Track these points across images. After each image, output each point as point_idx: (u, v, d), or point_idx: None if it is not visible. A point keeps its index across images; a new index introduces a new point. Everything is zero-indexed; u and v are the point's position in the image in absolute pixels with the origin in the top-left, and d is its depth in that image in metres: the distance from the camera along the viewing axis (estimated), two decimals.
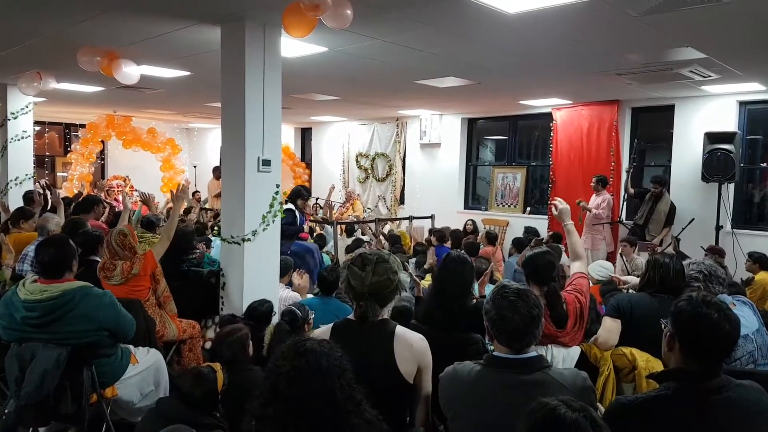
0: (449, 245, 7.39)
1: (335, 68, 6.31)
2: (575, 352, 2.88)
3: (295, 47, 5.18)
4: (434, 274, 3.19)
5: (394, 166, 11.72)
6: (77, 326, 2.96)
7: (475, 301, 3.18)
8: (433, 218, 9.52)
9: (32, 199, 6.80)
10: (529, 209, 10.05)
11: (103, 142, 12.69)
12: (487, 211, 10.52)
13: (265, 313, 3.87)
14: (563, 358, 2.85)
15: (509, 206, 10.28)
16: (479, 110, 10.26)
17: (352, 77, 6.91)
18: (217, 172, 11.45)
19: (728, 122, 7.51)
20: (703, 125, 7.59)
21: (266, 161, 4.38)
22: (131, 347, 3.41)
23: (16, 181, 8.07)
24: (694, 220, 6.97)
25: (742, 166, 7.39)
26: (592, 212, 7.95)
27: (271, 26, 4.34)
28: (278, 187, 4.50)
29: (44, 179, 10.64)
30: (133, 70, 5.56)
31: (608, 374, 2.78)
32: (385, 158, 11.87)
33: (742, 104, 7.58)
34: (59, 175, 13.55)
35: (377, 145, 12.00)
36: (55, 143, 13.84)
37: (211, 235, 7.06)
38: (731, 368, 2.56)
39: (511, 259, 6.62)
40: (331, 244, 8.02)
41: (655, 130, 8.83)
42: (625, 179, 7.90)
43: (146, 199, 5.63)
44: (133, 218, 5.60)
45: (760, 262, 5.95)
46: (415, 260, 6.43)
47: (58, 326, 2.94)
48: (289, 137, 13.72)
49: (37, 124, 10.97)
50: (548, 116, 9.31)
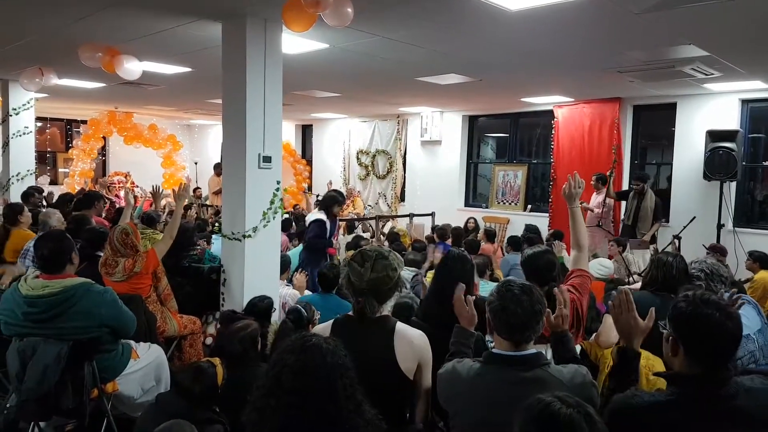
0: (450, 242, 7.39)
1: (336, 65, 6.30)
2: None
3: (296, 44, 5.18)
4: (435, 271, 3.19)
5: (394, 163, 11.72)
6: (78, 322, 2.96)
7: (474, 298, 3.18)
8: (433, 216, 9.52)
9: (32, 195, 6.81)
10: (529, 207, 10.05)
11: (104, 138, 12.70)
12: (487, 208, 10.52)
13: (265, 308, 3.87)
14: None
15: (510, 204, 10.27)
16: (480, 107, 10.25)
17: (353, 74, 6.91)
18: (218, 168, 11.46)
19: (730, 120, 7.50)
20: (705, 123, 7.58)
21: (267, 158, 4.38)
22: (132, 343, 3.42)
23: (17, 177, 8.09)
24: (695, 218, 6.97)
25: (743, 164, 7.37)
26: (594, 212, 7.93)
27: (272, 22, 4.34)
28: (279, 183, 4.50)
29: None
30: (134, 65, 5.56)
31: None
32: (385, 155, 11.87)
33: (744, 102, 7.56)
34: (60, 171, 13.56)
35: (378, 142, 11.99)
36: (56, 139, 13.85)
37: (211, 232, 7.06)
38: (735, 367, 2.55)
39: (507, 256, 6.60)
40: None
41: (656, 128, 8.82)
42: (608, 185, 7.83)
43: (156, 192, 5.41)
44: (134, 214, 5.58)
45: (760, 261, 5.94)
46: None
47: (59, 322, 2.94)
48: (289, 134, 13.72)
49: (38, 120, 10.99)
50: (550, 114, 9.29)
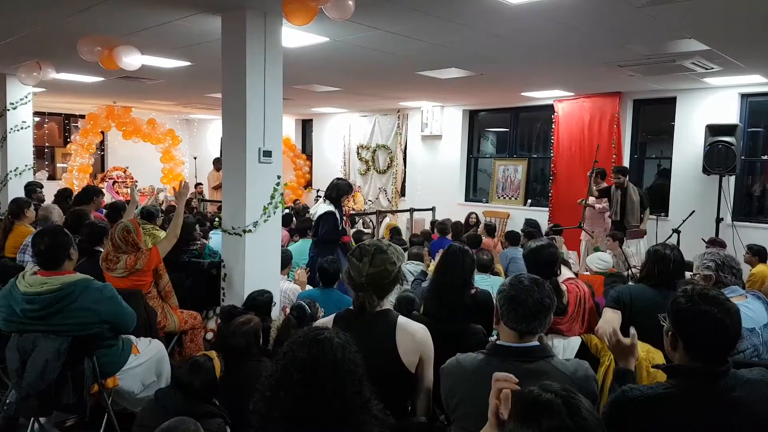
0: (450, 237, 7.39)
1: (336, 59, 6.28)
2: (575, 342, 2.89)
3: (296, 37, 5.16)
4: (436, 265, 3.19)
5: (395, 158, 11.70)
6: (77, 319, 2.95)
7: (474, 292, 3.19)
8: (434, 210, 9.51)
9: (33, 190, 6.80)
10: (529, 201, 10.05)
11: (102, 132, 12.66)
12: (488, 203, 10.52)
13: (265, 303, 3.87)
14: (563, 348, 2.86)
15: (510, 198, 10.27)
16: (481, 102, 10.24)
17: (353, 68, 6.89)
18: (217, 163, 11.45)
19: (730, 114, 7.50)
20: (704, 117, 7.58)
21: (267, 152, 4.36)
22: (133, 338, 3.41)
23: (15, 171, 8.05)
24: (694, 212, 6.97)
25: (743, 158, 7.38)
26: (595, 208, 7.91)
27: (272, 15, 4.32)
28: (279, 178, 4.49)
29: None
30: (133, 58, 5.52)
31: (609, 365, 2.77)
32: (386, 150, 11.85)
33: (743, 96, 7.56)
34: (59, 166, 13.53)
35: (378, 136, 11.97)
36: (54, 134, 13.80)
37: (210, 227, 7.05)
38: (735, 360, 2.55)
39: (506, 250, 6.61)
40: None
41: (656, 122, 8.82)
42: (590, 184, 7.75)
43: (181, 191, 5.06)
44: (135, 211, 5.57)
45: (759, 254, 5.95)
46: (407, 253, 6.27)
47: (58, 319, 2.93)
48: (289, 129, 13.70)
49: (36, 114, 10.95)
50: (550, 108, 9.28)
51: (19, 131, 8.07)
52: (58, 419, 3.50)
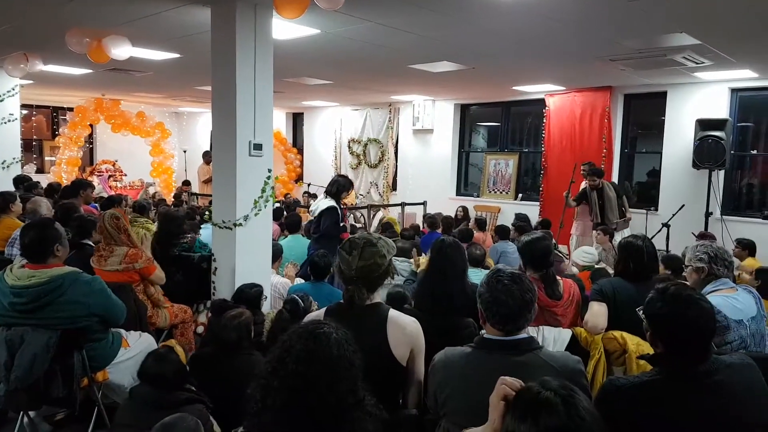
0: (440, 231, 7.39)
1: (328, 51, 6.25)
2: (566, 334, 2.90)
3: (286, 29, 5.12)
4: (428, 259, 3.19)
5: (386, 152, 11.68)
6: (66, 312, 2.93)
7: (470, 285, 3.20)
8: (425, 205, 9.51)
9: (21, 181, 6.74)
10: (520, 196, 10.07)
11: (91, 125, 12.54)
12: (479, 197, 10.54)
13: (254, 296, 3.85)
14: (554, 339, 2.87)
15: (501, 193, 10.29)
16: (472, 96, 10.23)
17: (344, 61, 6.86)
18: (207, 156, 11.38)
19: (720, 109, 7.54)
20: (694, 112, 7.62)
21: (258, 145, 4.33)
22: (123, 331, 3.39)
23: (3, 165, 7.97)
24: (684, 206, 7.01)
25: (732, 153, 7.42)
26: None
27: (262, 7, 4.28)
28: (270, 171, 4.47)
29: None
30: (122, 49, 5.46)
31: (599, 357, 2.79)
32: (377, 144, 11.83)
33: (733, 91, 7.60)
34: (47, 159, 13.40)
35: (370, 130, 11.94)
36: (42, 127, 13.66)
37: (201, 221, 7.00)
38: (721, 352, 2.58)
39: (496, 244, 6.62)
40: None
41: (647, 116, 8.85)
42: (566, 193, 7.70)
43: None
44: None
45: (748, 248, 6.01)
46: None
47: (46, 312, 2.91)
48: (280, 122, 13.63)
49: (24, 107, 10.82)
50: (541, 102, 9.29)
51: (6, 124, 7.98)
52: (47, 413, 3.48)
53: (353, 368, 1.61)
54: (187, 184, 11.95)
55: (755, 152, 7.95)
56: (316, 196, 11.57)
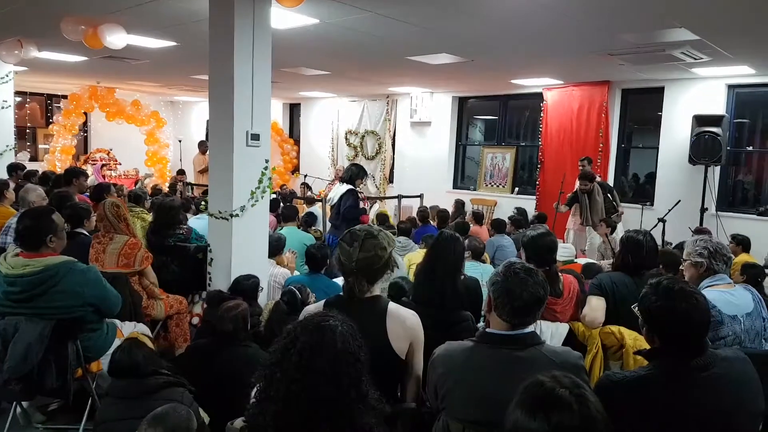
0: (436, 225, 7.38)
1: (326, 41, 6.21)
2: (563, 328, 2.90)
3: (285, 18, 5.08)
4: (426, 252, 3.17)
5: (383, 144, 11.64)
6: (61, 302, 2.91)
7: (463, 278, 3.19)
8: (422, 198, 9.49)
9: (15, 168, 6.68)
10: (517, 189, 10.07)
11: (85, 113, 12.45)
12: (475, 190, 10.53)
13: (250, 287, 3.83)
14: (551, 333, 2.87)
15: (498, 186, 10.29)
16: (470, 89, 10.20)
17: (342, 51, 6.81)
18: (202, 146, 11.30)
19: (716, 105, 7.54)
20: (691, 108, 7.62)
21: (255, 135, 4.29)
22: (117, 322, 3.37)
23: None
24: (680, 201, 7.03)
25: (728, 149, 7.43)
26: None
27: None
28: (267, 162, 4.43)
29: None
30: (118, 37, 5.41)
31: (596, 352, 2.79)
32: (374, 136, 11.78)
33: (730, 87, 7.61)
34: (41, 147, 13.30)
35: (367, 122, 11.90)
36: (36, 114, 13.55)
37: (197, 210, 6.96)
38: (715, 347, 2.58)
39: (492, 238, 6.61)
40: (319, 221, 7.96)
41: (644, 111, 8.85)
42: (556, 204, 7.72)
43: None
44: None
45: (742, 244, 6.02)
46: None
47: (40, 301, 2.89)
48: (277, 113, 13.55)
49: (17, 94, 10.72)
50: (539, 96, 9.28)
51: None
52: (41, 403, 3.46)
53: (357, 362, 1.60)
54: (181, 173, 11.87)
55: (751, 149, 7.97)
56: (307, 185, 11.54)
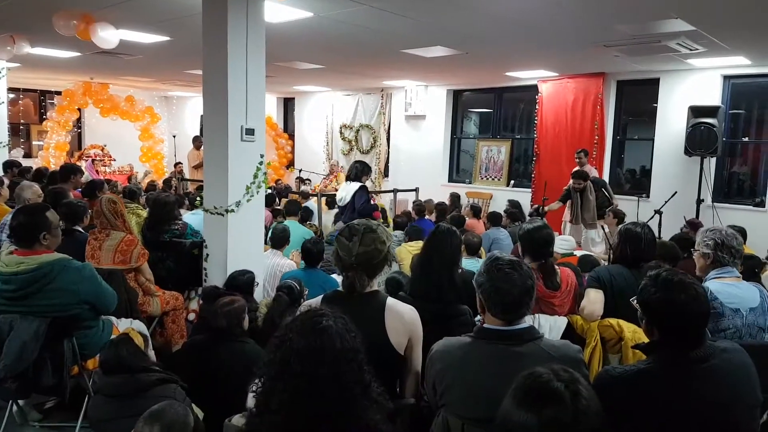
0: (433, 218, 7.37)
1: (320, 35, 6.17)
2: (562, 322, 2.89)
3: (279, 12, 5.04)
4: (423, 246, 3.16)
5: (378, 138, 11.61)
6: (56, 300, 2.89)
7: (461, 272, 3.17)
8: (417, 191, 9.48)
9: (11, 166, 6.64)
10: (512, 182, 10.06)
11: (79, 109, 12.37)
12: (471, 184, 10.51)
13: (245, 283, 3.82)
14: (550, 327, 2.86)
15: (493, 179, 10.28)
16: (465, 82, 10.17)
17: (337, 45, 6.77)
18: (197, 141, 11.25)
19: (712, 96, 7.54)
20: (687, 99, 7.61)
21: (250, 130, 4.27)
22: (113, 319, 3.36)
23: None
24: (676, 193, 7.03)
25: (724, 140, 7.43)
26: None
27: None
28: (262, 157, 4.41)
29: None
30: (110, 34, 5.37)
31: (595, 345, 2.78)
32: (369, 130, 11.75)
33: (726, 78, 7.60)
34: (35, 143, 13.21)
35: (362, 116, 11.86)
36: (30, 111, 13.46)
37: (191, 206, 6.93)
38: (714, 340, 2.58)
39: (488, 231, 6.61)
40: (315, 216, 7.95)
41: (639, 103, 8.84)
42: (540, 207, 7.67)
43: None
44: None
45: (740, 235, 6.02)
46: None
47: (35, 299, 2.87)
48: (271, 107, 13.50)
49: (11, 90, 10.66)
50: (534, 88, 9.25)
51: None
52: (37, 401, 3.45)
53: (358, 354, 1.58)
54: (178, 164, 11.87)
55: (747, 139, 7.97)
56: (310, 180, 11.51)
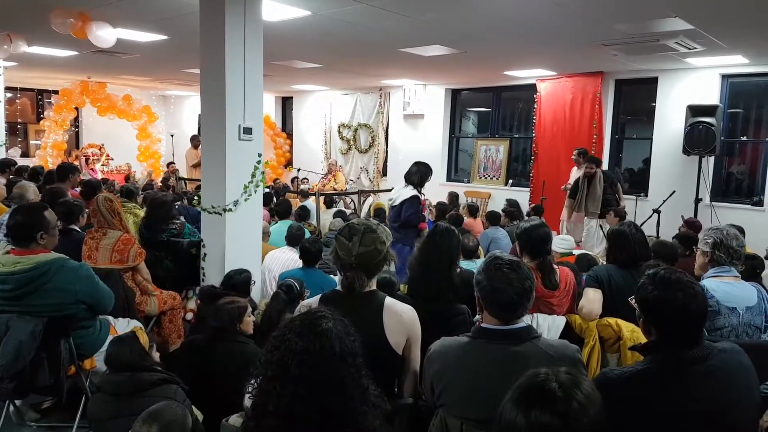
0: (434, 217, 7.37)
1: (318, 34, 6.16)
2: (560, 321, 2.89)
3: (276, 10, 5.03)
4: (421, 246, 3.15)
5: (376, 137, 11.60)
6: (53, 299, 2.88)
7: (459, 271, 3.17)
8: None
9: (8, 165, 6.62)
10: (511, 182, 10.06)
11: (77, 109, 12.34)
12: (469, 183, 10.51)
13: (242, 282, 3.80)
14: (548, 326, 2.85)
15: (492, 179, 10.28)
16: (463, 81, 10.16)
17: (335, 44, 6.76)
18: (195, 140, 11.23)
19: (710, 95, 7.54)
20: (685, 98, 7.60)
21: (248, 129, 4.26)
22: (111, 318, 3.35)
23: None
24: (675, 192, 7.04)
25: (722, 139, 7.43)
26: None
27: None
28: (260, 156, 4.40)
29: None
30: (108, 33, 5.35)
31: (593, 344, 2.78)
32: (367, 129, 11.73)
33: (724, 77, 7.60)
34: (32, 143, 13.18)
35: (360, 115, 11.84)
36: (27, 110, 13.44)
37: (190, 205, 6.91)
38: (712, 339, 2.58)
39: (486, 231, 6.61)
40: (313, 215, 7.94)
41: (638, 102, 8.84)
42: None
43: None
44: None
45: None
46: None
47: (32, 299, 2.86)
48: (269, 106, 13.48)
49: (7, 89, 10.62)
50: (532, 87, 9.25)
51: None
52: (34, 401, 3.44)
53: (356, 358, 1.57)
54: (170, 164, 11.82)
55: (745, 138, 7.97)
56: (307, 179, 11.50)
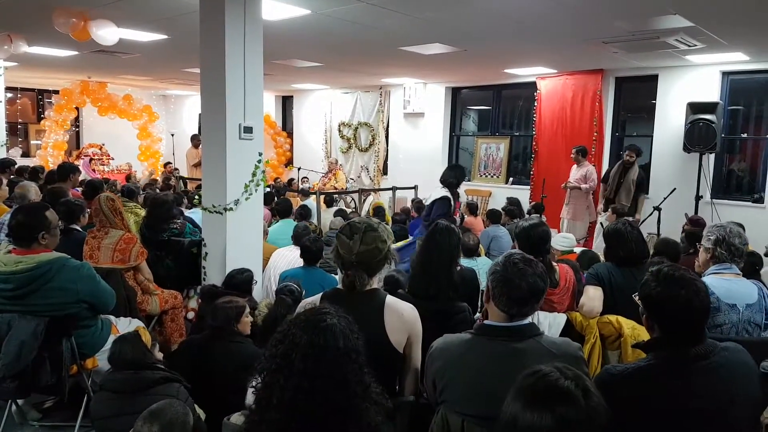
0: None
1: (318, 32, 6.16)
2: (561, 318, 2.89)
3: (276, 9, 5.03)
4: (422, 244, 3.15)
5: (377, 135, 11.60)
6: (54, 299, 2.89)
7: (460, 269, 3.17)
8: (416, 189, 9.48)
9: (9, 165, 6.63)
10: (511, 180, 10.06)
11: (77, 108, 12.35)
12: (470, 181, 10.51)
13: (243, 281, 3.80)
14: (549, 324, 2.86)
15: (492, 177, 10.28)
16: (463, 79, 10.16)
17: (335, 42, 6.76)
18: (195, 140, 11.24)
19: (711, 92, 7.53)
20: (685, 95, 7.60)
21: (248, 128, 4.27)
22: (112, 318, 3.35)
23: None
24: (675, 189, 7.03)
25: (723, 136, 7.43)
26: (582, 188, 7.89)
27: None
28: (261, 155, 4.41)
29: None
30: (110, 31, 5.35)
31: (594, 342, 2.79)
32: (368, 128, 11.74)
33: (725, 74, 7.59)
34: (33, 143, 13.19)
35: (360, 114, 11.84)
36: (27, 110, 13.44)
37: (191, 204, 6.92)
38: (714, 335, 2.58)
39: (487, 229, 6.61)
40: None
41: (638, 100, 8.84)
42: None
43: None
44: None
45: None
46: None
47: (34, 298, 2.87)
48: (269, 105, 13.48)
49: (8, 89, 10.63)
50: (532, 85, 9.24)
51: None
52: (36, 400, 3.45)
53: (359, 356, 1.57)
54: (168, 165, 11.82)
55: (745, 135, 7.96)
56: (307, 178, 11.50)
